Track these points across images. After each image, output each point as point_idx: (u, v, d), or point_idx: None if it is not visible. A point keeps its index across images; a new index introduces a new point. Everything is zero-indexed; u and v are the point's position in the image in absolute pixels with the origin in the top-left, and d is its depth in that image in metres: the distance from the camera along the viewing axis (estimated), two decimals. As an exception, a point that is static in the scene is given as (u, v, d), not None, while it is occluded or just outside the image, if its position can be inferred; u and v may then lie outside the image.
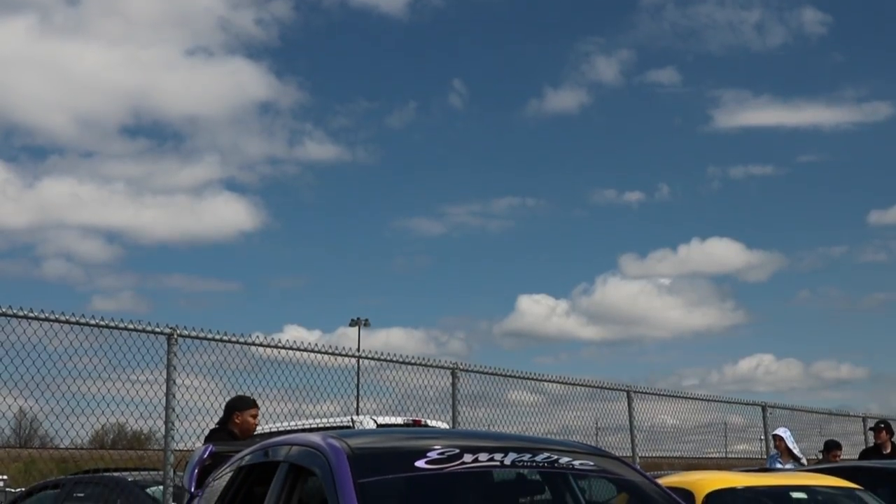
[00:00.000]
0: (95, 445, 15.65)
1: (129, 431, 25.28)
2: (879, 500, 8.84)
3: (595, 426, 16.84)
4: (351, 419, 13.16)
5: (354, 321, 62.74)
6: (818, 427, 20.64)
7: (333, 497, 5.23)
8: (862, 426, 21.53)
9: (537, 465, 5.62)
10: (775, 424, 18.78)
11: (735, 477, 9.04)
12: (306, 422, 14.48)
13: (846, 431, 22.10)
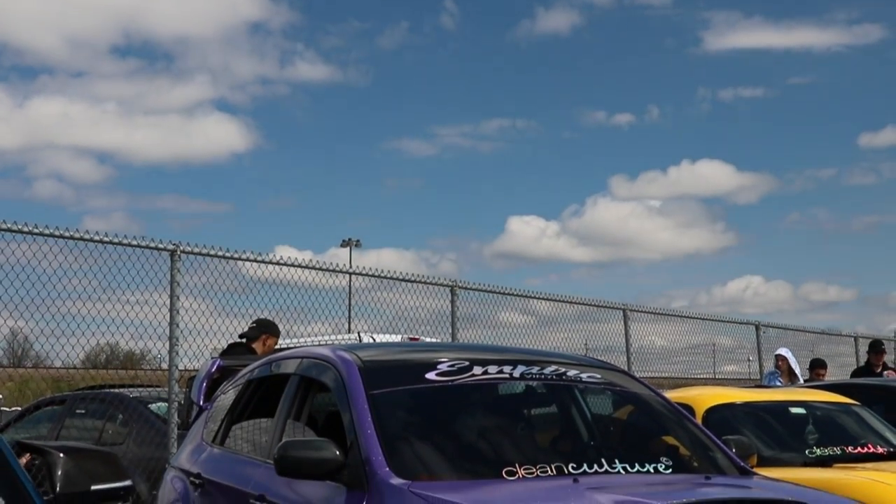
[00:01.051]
0: (88, 365, 15.69)
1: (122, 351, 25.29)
2: (876, 415, 8.95)
3: (584, 347, 16.94)
4: (358, 335, 13.21)
5: (346, 242, 62.71)
6: (810, 347, 20.81)
7: (346, 408, 5.30)
8: (853, 346, 21.72)
9: (546, 377, 5.70)
10: (768, 344, 18.94)
11: (734, 392, 9.14)
12: (312, 339, 14.59)
13: (837, 352, 22.29)
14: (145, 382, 15.15)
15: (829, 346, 22.15)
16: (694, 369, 19.66)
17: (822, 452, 8.00)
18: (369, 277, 12.71)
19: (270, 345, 9.57)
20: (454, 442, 5.32)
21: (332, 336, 14.22)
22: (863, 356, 20.54)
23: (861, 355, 20.54)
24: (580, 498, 4.54)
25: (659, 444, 5.61)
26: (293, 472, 5.03)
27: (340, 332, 14.80)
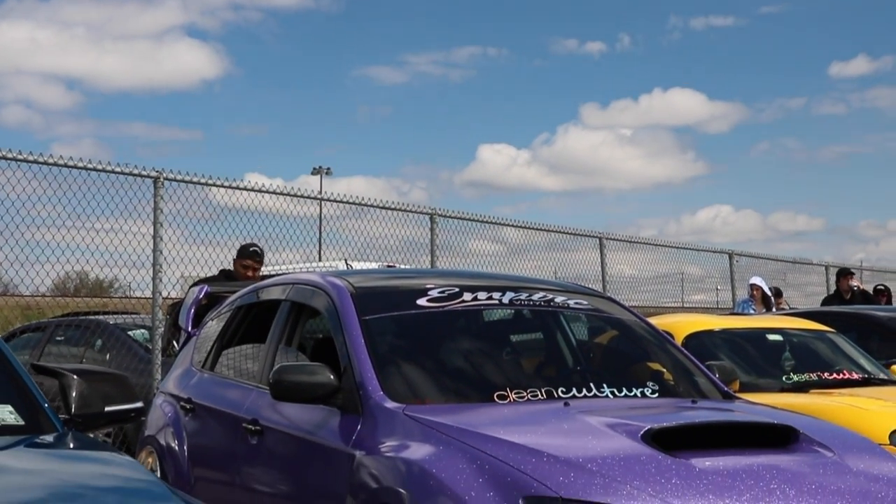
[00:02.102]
0: (57, 293, 15.68)
1: (92, 279, 25.23)
2: (850, 341, 9.11)
3: (554, 275, 17.04)
4: (346, 262, 13.24)
5: (316, 169, 62.59)
6: (781, 276, 21.02)
7: (339, 334, 5.38)
8: (824, 275, 21.96)
9: (534, 303, 5.79)
10: (739, 273, 19.12)
11: (713, 319, 9.28)
12: (297, 266, 14.63)
13: (807, 281, 22.53)
14: (122, 309, 15.17)
15: (799, 275, 22.39)
16: (662, 298, 19.84)
17: (798, 378, 8.17)
18: (341, 205, 12.69)
19: (237, 266, 9.39)
20: (446, 367, 5.42)
21: (315, 263, 14.28)
22: (833, 285, 20.80)
23: (831, 284, 20.78)
24: (572, 421, 4.65)
25: (644, 370, 5.73)
26: (288, 396, 5.12)
27: (311, 259, 14.84)
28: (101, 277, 18.64)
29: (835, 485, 4.18)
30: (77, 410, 3.37)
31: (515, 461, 4.18)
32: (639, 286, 18.45)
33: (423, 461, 4.39)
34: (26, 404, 3.31)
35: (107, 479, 3.00)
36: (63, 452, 3.22)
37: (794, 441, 4.48)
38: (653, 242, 17.91)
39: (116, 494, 2.89)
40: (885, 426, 6.60)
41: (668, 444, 4.28)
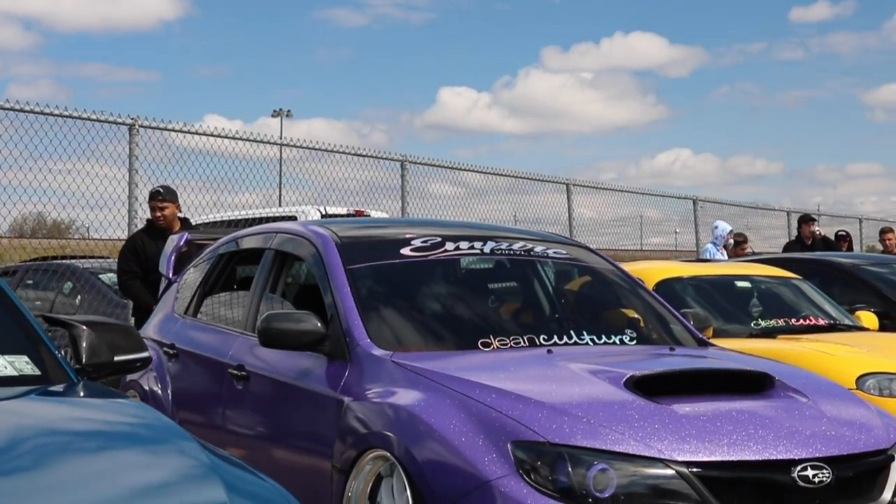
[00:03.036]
0: (14, 234, 15.62)
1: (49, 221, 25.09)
2: (816, 288, 9.30)
3: (514, 218, 17.16)
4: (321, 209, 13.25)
5: (276, 112, 62.39)
6: (745, 221, 21.25)
7: (325, 283, 5.48)
8: (785, 220, 22.22)
9: (515, 253, 5.91)
10: (705, 218, 19.32)
11: (682, 266, 9.45)
12: (252, 211, 14.66)
13: (765, 225, 22.78)
14: (74, 251, 15.11)
15: (758, 219, 22.62)
16: (621, 241, 20.03)
17: (766, 324, 8.36)
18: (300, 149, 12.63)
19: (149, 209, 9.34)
20: (430, 315, 5.55)
21: (289, 208, 14.29)
22: (794, 230, 21.06)
23: (793, 230, 21.03)
24: (556, 368, 4.79)
25: (621, 317, 5.87)
26: (276, 343, 5.22)
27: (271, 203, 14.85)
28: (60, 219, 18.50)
29: (809, 429, 4.34)
30: (87, 360, 3.46)
31: (503, 407, 4.31)
32: (599, 229, 18.58)
33: (412, 406, 4.52)
34: (41, 355, 3.40)
35: (133, 424, 3.13)
36: (84, 400, 3.32)
37: (770, 387, 4.64)
38: (619, 189, 18.07)
39: (146, 437, 3.02)
40: (853, 371, 6.80)
41: (649, 391, 4.42)
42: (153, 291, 8.59)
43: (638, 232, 22.45)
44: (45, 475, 2.53)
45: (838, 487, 4.17)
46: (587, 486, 4.01)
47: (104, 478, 2.60)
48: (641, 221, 21.52)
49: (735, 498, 4.05)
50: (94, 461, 2.72)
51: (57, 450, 2.73)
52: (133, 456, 2.82)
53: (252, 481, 2.76)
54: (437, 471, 4.26)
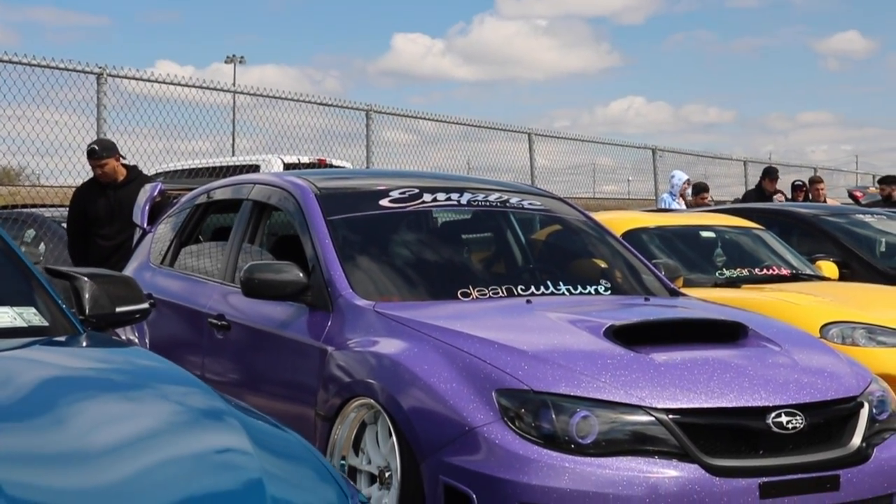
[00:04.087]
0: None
1: (0, 168, 24.87)
2: (778, 238, 9.47)
3: (467, 166, 17.23)
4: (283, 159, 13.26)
5: (230, 58, 61.98)
6: (701, 170, 21.46)
7: (305, 234, 5.56)
8: (742, 169, 22.44)
9: (491, 204, 6.01)
10: (648, 166, 19.48)
11: (648, 217, 9.59)
12: (213, 160, 14.64)
13: (719, 173, 22.98)
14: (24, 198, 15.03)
15: (714, 168, 22.82)
16: (575, 189, 20.15)
17: (731, 274, 8.52)
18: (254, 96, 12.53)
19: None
20: (410, 266, 5.64)
21: (252, 157, 14.27)
22: (752, 180, 21.30)
23: (751, 179, 21.28)
24: (536, 318, 4.91)
25: (595, 268, 6.00)
26: (258, 293, 5.30)
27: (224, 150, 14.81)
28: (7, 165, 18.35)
29: (783, 377, 4.48)
30: (91, 312, 3.54)
31: (487, 356, 4.43)
32: (552, 177, 18.65)
33: (397, 355, 4.62)
34: (48, 306, 3.47)
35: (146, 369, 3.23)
36: (96, 349, 3.40)
37: (744, 336, 4.78)
38: (580, 138, 18.17)
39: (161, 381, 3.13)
40: (817, 320, 6.96)
41: (628, 340, 4.55)
42: (95, 246, 8.61)
43: (591, 180, 22.59)
44: (75, 421, 2.62)
45: (810, 433, 4.32)
46: (570, 433, 4.13)
47: (127, 422, 2.70)
48: (594, 169, 21.63)
49: (712, 444, 4.19)
50: (116, 407, 2.82)
51: (81, 397, 2.81)
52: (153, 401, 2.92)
53: (272, 431, 2.86)
54: (422, 418, 4.37)
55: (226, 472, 2.51)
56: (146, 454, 2.51)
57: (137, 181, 8.55)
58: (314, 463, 2.73)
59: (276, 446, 2.73)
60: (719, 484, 4.09)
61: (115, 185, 8.69)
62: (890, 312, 7.32)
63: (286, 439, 2.84)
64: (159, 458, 2.52)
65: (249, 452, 2.57)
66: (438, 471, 4.26)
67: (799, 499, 4.19)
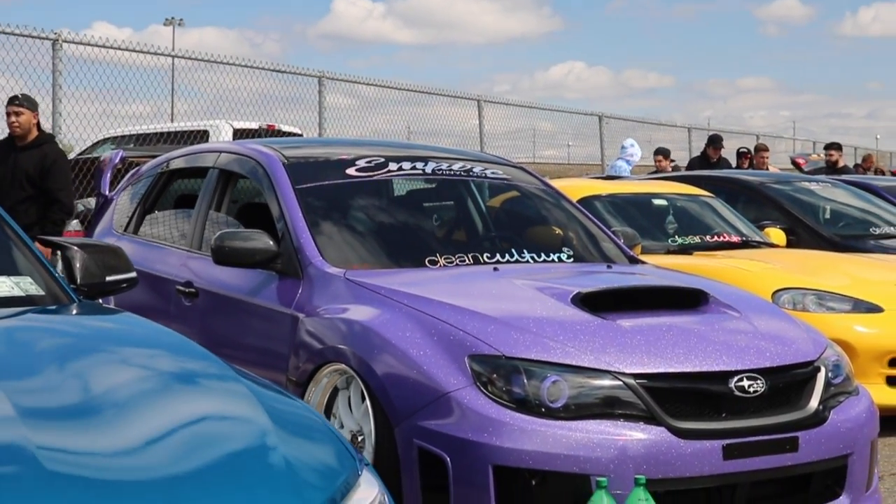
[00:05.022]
0: None
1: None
2: (728, 205, 9.67)
3: (407, 130, 17.29)
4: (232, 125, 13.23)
5: (168, 20, 61.56)
6: (647, 136, 21.67)
7: (274, 202, 5.64)
8: (686, 135, 22.69)
9: (455, 173, 6.11)
10: (588, 130, 19.66)
11: (601, 184, 9.75)
12: (162, 125, 14.60)
13: (672, 139, 23.22)
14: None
15: (660, 134, 23.04)
16: (515, 153, 20.29)
17: (683, 241, 8.70)
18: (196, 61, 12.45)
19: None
20: (377, 234, 5.74)
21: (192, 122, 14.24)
22: (695, 146, 21.56)
23: (695, 146, 21.54)
24: (505, 285, 5.03)
25: (558, 236, 6.13)
26: (228, 261, 5.37)
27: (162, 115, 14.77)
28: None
29: (743, 343, 4.64)
30: (82, 281, 3.61)
31: (459, 322, 4.54)
32: (492, 142, 18.72)
33: (370, 321, 4.72)
34: (42, 276, 3.54)
35: (148, 336, 3.32)
36: (94, 317, 3.48)
37: (705, 303, 4.93)
38: (528, 105, 18.31)
39: (166, 348, 3.23)
40: (769, 287, 7.16)
41: (595, 307, 4.68)
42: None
43: (531, 144, 22.75)
44: (90, 386, 2.71)
45: (770, 397, 4.48)
46: (541, 397, 4.26)
47: (139, 386, 2.80)
48: (535, 134, 21.79)
49: (677, 407, 4.34)
50: (125, 372, 2.91)
51: (92, 363, 2.90)
52: (162, 368, 3.02)
53: (279, 398, 2.96)
54: (396, 383, 4.48)
55: (240, 433, 2.60)
56: (166, 418, 2.61)
57: (44, 148, 8.54)
58: (321, 426, 2.84)
59: (285, 411, 2.84)
60: (685, 446, 4.24)
61: (23, 145, 8.59)
62: (838, 279, 7.55)
63: (293, 404, 2.95)
64: (178, 421, 2.62)
65: (261, 415, 2.67)
66: (412, 434, 4.38)
67: (760, 460, 4.35)
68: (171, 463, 2.36)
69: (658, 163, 16.61)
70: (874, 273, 7.85)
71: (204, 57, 11.95)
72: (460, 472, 4.23)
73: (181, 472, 2.34)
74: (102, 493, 2.20)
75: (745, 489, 4.37)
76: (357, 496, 2.52)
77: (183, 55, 11.96)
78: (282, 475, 2.41)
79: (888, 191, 12.62)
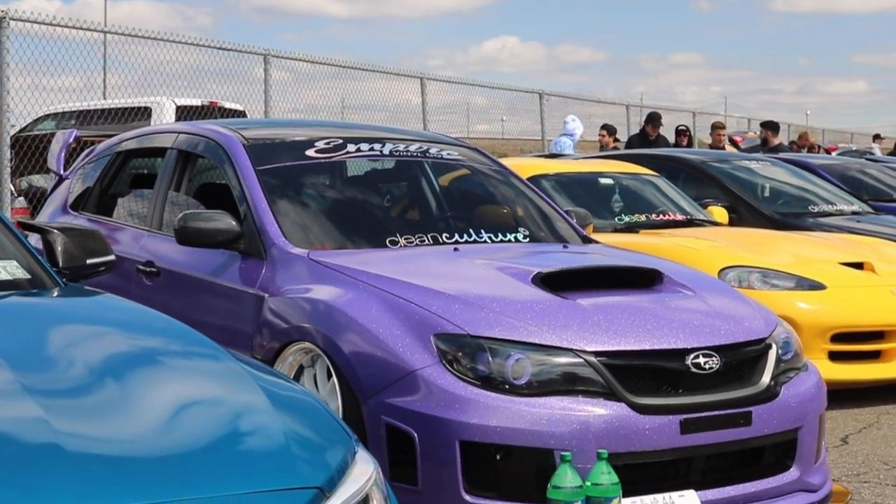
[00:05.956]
0: None
1: None
2: (672, 184, 9.85)
3: (341, 104, 17.31)
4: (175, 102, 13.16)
5: (100, -7, 60.77)
6: (587, 112, 21.86)
7: (235, 183, 5.71)
8: (626, 113, 22.93)
9: (412, 154, 6.21)
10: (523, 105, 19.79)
11: (548, 164, 9.89)
12: (104, 102, 14.52)
13: (609, 114, 23.42)
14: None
15: (598, 109, 23.22)
16: (448, 128, 20.37)
17: (629, 220, 8.87)
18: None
19: None
20: (338, 215, 5.83)
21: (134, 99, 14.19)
22: (633, 123, 21.81)
23: (632, 123, 21.78)
24: (466, 265, 5.16)
25: (512, 216, 6.26)
26: (192, 241, 5.44)
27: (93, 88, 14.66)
28: None
29: (699, 321, 4.79)
30: (64, 264, 3.68)
31: (423, 302, 4.65)
32: (426, 116, 18.78)
33: (336, 301, 4.82)
34: (27, 260, 3.60)
35: (139, 320, 3.40)
36: (83, 299, 3.55)
37: (660, 282, 5.08)
38: (470, 82, 18.41)
39: (158, 329, 3.32)
40: (715, 264, 7.34)
41: (555, 286, 4.81)
42: None
43: (465, 119, 22.85)
44: (95, 370, 2.80)
45: (725, 373, 4.64)
46: (505, 374, 4.39)
47: (140, 368, 2.89)
48: (468, 109, 21.88)
49: (636, 383, 4.48)
50: (126, 355, 3.00)
51: (93, 347, 2.98)
52: (160, 350, 3.11)
53: (277, 382, 3.06)
54: (363, 361, 4.59)
55: (244, 414, 2.70)
56: (170, 400, 2.70)
57: None
58: (318, 406, 2.94)
59: (282, 391, 2.94)
60: (644, 421, 4.38)
61: None
62: (782, 257, 7.76)
63: (289, 386, 3.06)
64: (182, 402, 2.71)
65: (260, 396, 2.77)
66: (380, 411, 4.49)
67: (715, 433, 4.51)
68: (179, 443, 2.46)
69: (602, 138, 16.80)
70: (816, 251, 8.07)
71: (145, 34, 11.87)
72: (427, 447, 4.35)
73: (190, 451, 2.44)
74: (119, 471, 2.29)
75: (701, 462, 4.54)
76: (355, 473, 2.63)
77: (132, 33, 11.86)
78: (287, 454, 2.52)
79: (824, 169, 12.92)
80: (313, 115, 15.55)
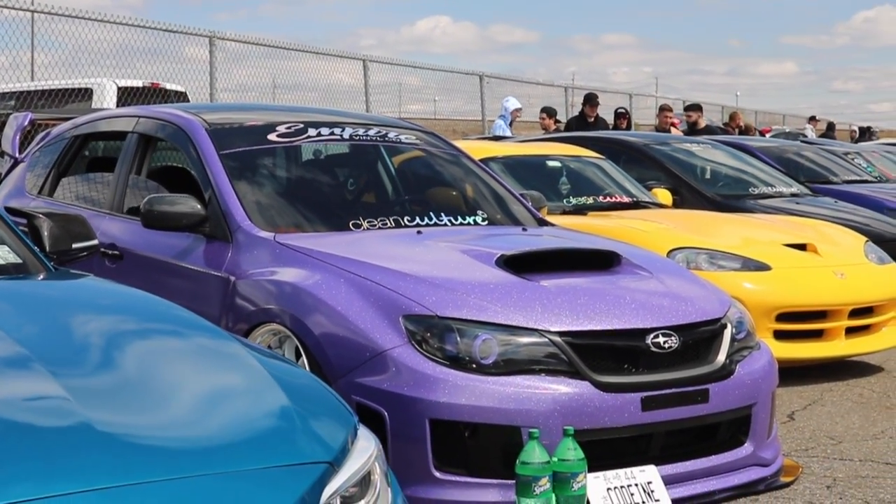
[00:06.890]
0: None
1: None
2: (617, 167, 10.02)
3: (273, 83, 17.32)
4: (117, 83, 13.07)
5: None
6: (526, 93, 22.04)
7: (199, 167, 5.78)
8: (564, 94, 23.13)
9: (371, 139, 6.32)
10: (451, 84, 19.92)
11: (496, 147, 10.01)
12: (44, 83, 14.42)
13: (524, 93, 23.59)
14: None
15: (531, 90, 23.38)
16: (380, 108, 20.44)
17: (577, 202, 9.02)
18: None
19: None
20: (302, 198, 5.93)
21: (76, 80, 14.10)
22: (573, 106, 22.01)
23: (571, 106, 21.98)
24: (430, 248, 5.28)
25: (470, 200, 6.38)
26: (157, 224, 5.51)
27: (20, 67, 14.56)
28: None
29: (657, 301, 4.96)
30: (51, 249, 3.74)
31: (391, 284, 4.77)
32: (358, 96, 18.80)
33: (303, 283, 4.92)
34: (17, 245, 3.65)
35: (138, 304, 3.48)
36: (76, 281, 3.62)
37: (618, 264, 5.24)
38: (412, 65, 18.51)
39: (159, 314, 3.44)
40: (663, 246, 7.51)
41: (518, 268, 4.95)
42: None
43: (397, 99, 22.92)
44: (104, 354, 2.89)
45: (683, 352, 4.81)
46: (473, 354, 4.52)
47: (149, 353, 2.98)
48: (400, 89, 21.96)
49: (599, 362, 4.63)
50: (133, 339, 3.09)
51: (99, 332, 3.06)
52: (166, 333, 3.20)
53: (279, 365, 3.16)
54: (333, 342, 4.70)
55: (255, 396, 2.81)
56: (184, 383, 2.80)
57: None
58: (320, 387, 3.06)
59: (286, 373, 3.05)
60: (606, 398, 4.54)
61: None
62: (728, 238, 7.96)
63: (292, 369, 3.17)
64: (196, 385, 2.82)
65: (268, 378, 2.88)
66: (350, 391, 4.60)
67: (674, 410, 4.68)
68: (198, 422, 2.57)
69: (542, 121, 16.97)
70: (761, 233, 8.27)
71: (76, 14, 11.79)
72: (398, 425, 4.47)
73: (209, 430, 2.55)
74: (140, 447, 2.39)
75: (661, 438, 4.71)
76: (358, 449, 2.76)
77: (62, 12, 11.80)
78: (297, 432, 2.63)
79: (762, 151, 13.17)
80: (245, 95, 15.56)
